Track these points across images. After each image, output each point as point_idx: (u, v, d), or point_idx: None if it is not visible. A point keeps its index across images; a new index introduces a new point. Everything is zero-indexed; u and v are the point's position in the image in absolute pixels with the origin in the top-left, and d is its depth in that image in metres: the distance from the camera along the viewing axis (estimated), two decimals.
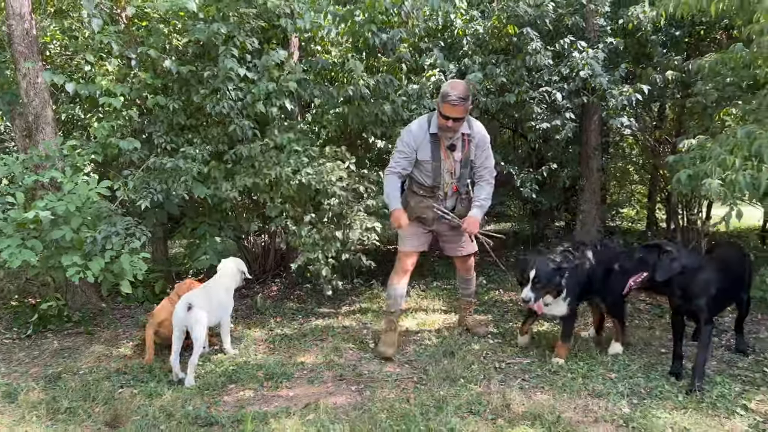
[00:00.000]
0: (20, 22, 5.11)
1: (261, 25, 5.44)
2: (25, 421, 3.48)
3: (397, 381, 3.97)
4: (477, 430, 3.15)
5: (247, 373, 4.15)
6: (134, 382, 4.06)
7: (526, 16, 5.84)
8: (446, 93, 4.03)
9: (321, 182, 5.20)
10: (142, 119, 5.33)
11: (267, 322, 5.44)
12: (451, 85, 4.11)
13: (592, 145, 6.98)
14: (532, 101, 6.16)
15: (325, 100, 5.60)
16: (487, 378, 3.92)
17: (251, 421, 3.35)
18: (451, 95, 4.00)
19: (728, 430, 3.11)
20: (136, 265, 4.49)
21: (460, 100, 4.01)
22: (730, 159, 3.43)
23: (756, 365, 4.03)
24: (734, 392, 3.55)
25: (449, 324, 5.20)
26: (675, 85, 6.27)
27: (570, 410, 3.41)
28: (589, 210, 7.07)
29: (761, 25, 3.47)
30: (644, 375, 3.88)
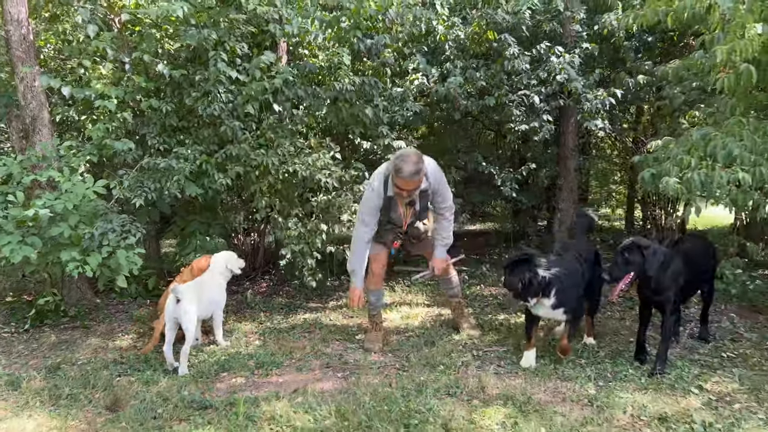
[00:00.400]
0: (18, 28, 5.29)
1: (250, 31, 5.67)
2: (29, 407, 3.68)
3: (381, 368, 4.22)
4: (453, 409, 3.39)
5: (239, 362, 4.38)
6: (131, 371, 4.27)
7: (504, 23, 6.12)
8: (399, 168, 4.09)
9: (308, 170, 5.43)
10: (135, 121, 5.53)
11: (257, 316, 5.67)
12: (402, 158, 4.12)
13: (570, 146, 7.28)
14: (511, 104, 6.44)
15: (310, 102, 5.82)
16: (465, 365, 4.18)
17: (243, 404, 3.58)
18: (403, 172, 4.08)
19: (683, 407, 3.38)
20: (132, 260, 4.69)
21: (412, 175, 4.10)
22: (686, 159, 3.71)
23: (715, 351, 4.32)
24: (692, 375, 3.84)
25: (432, 316, 5.46)
26: (647, 89, 6.57)
27: (540, 392, 3.68)
28: (567, 209, 7.37)
29: (712, 35, 3.76)
30: (611, 361, 4.15)
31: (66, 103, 5.96)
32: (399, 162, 4.11)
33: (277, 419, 3.39)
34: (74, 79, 5.91)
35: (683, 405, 3.41)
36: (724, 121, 4.12)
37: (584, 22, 6.82)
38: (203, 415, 3.51)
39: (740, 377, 3.77)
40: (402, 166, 4.07)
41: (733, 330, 4.73)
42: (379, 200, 4.35)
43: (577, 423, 3.23)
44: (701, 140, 3.76)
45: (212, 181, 5.36)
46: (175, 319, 4.34)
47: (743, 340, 4.50)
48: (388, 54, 6.12)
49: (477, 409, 3.43)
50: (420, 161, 4.14)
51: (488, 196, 8.13)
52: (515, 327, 5.00)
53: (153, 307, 5.98)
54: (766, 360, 4.09)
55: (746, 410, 3.34)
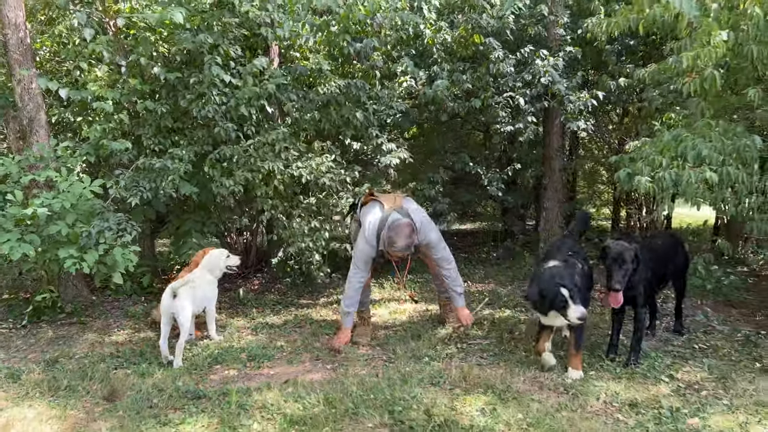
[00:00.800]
0: (15, 32, 5.43)
1: (243, 34, 5.83)
2: (29, 397, 3.83)
3: (369, 360, 4.39)
4: (435, 397, 3.57)
5: (232, 355, 4.54)
6: (127, 364, 4.42)
7: (490, 27, 6.31)
8: (392, 242, 4.34)
9: (312, 173, 5.63)
10: (131, 122, 5.68)
11: (249, 312, 5.83)
12: (396, 231, 4.35)
13: (554, 146, 7.47)
14: (497, 106, 6.63)
15: (300, 104, 5.99)
16: (449, 356, 4.36)
17: (235, 394, 3.73)
18: (397, 246, 4.34)
19: (653, 394, 3.57)
20: (128, 257, 4.85)
21: (405, 249, 4.39)
22: (658, 159, 3.90)
23: (688, 343, 4.52)
24: (664, 365, 4.03)
25: (419, 312, 5.64)
26: (628, 91, 6.78)
27: (520, 382, 3.85)
28: (552, 207, 7.57)
29: (680, 42, 3.96)
30: (589, 352, 4.33)
31: (62, 104, 6.10)
32: (393, 236, 4.35)
33: (268, 407, 3.55)
34: (71, 81, 6.05)
35: (653, 392, 3.60)
36: (696, 123, 4.31)
37: (568, 26, 7.02)
38: (197, 405, 3.66)
39: (709, 367, 3.96)
40: (396, 240, 4.34)
41: (706, 323, 4.93)
42: (373, 252, 4.62)
43: (553, 409, 3.41)
44: (673, 141, 3.95)
45: (219, 186, 5.50)
46: (171, 314, 4.49)
47: (715, 333, 4.70)
48: (377, 57, 6.30)
49: (458, 397, 3.60)
50: (412, 233, 4.40)
51: (476, 196, 8.33)
52: (499, 321, 5.18)
53: (148, 303, 6.15)
54: (736, 351, 4.29)
55: (713, 397, 3.54)
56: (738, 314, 5.19)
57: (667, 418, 3.26)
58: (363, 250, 4.63)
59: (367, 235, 4.60)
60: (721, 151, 3.90)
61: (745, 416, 3.26)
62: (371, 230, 4.60)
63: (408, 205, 4.77)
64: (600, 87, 6.62)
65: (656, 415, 3.31)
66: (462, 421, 3.28)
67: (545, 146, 7.58)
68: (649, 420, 3.25)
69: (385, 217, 4.58)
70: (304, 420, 3.36)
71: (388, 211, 4.62)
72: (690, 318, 5.08)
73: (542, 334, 4.09)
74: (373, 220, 4.64)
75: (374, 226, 4.60)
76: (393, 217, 4.54)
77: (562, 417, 3.30)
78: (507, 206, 8.55)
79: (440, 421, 3.25)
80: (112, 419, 3.49)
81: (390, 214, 4.58)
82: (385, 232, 4.44)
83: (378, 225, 4.59)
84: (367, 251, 4.62)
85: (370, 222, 4.63)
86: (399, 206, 4.68)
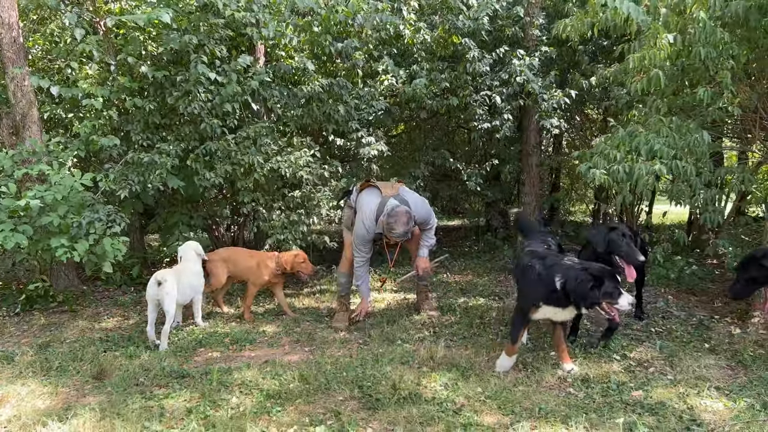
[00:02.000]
0: (9, 31, 5.65)
1: (229, 34, 6.07)
2: (23, 377, 4.07)
3: (345, 343, 4.65)
4: (403, 374, 3.82)
5: (215, 339, 4.79)
6: (116, 348, 4.66)
7: (466, 28, 6.57)
8: (391, 228, 4.61)
9: (290, 167, 5.88)
10: (120, 119, 5.92)
11: (235, 301, 6.08)
12: (395, 218, 4.60)
13: (531, 143, 7.75)
14: (475, 104, 6.90)
15: (284, 102, 6.24)
16: (420, 339, 4.63)
17: (217, 373, 3.98)
18: (395, 232, 4.62)
19: (605, 371, 3.85)
20: (117, 247, 5.09)
21: (402, 236, 4.68)
22: (613, 153, 4.18)
23: (646, 327, 4.80)
24: (619, 345, 4.30)
25: (397, 300, 5.91)
26: (599, 90, 7.06)
27: (483, 361, 4.12)
28: (529, 202, 7.85)
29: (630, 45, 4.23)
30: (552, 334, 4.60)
31: (54, 101, 6.33)
32: (392, 222, 4.62)
33: (246, 384, 3.80)
34: (62, 79, 6.28)
35: (605, 369, 3.88)
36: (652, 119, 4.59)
37: (544, 26, 7.29)
38: (181, 383, 3.91)
39: (661, 347, 4.24)
40: (395, 227, 4.61)
41: (665, 309, 5.22)
42: (371, 235, 4.90)
43: (510, 384, 3.68)
44: (627, 137, 4.23)
45: (202, 179, 5.74)
46: (156, 300, 4.73)
47: (672, 318, 4.99)
48: (358, 56, 6.55)
49: (425, 374, 3.87)
50: (409, 221, 4.68)
51: (459, 192, 8.60)
52: (471, 309, 5.45)
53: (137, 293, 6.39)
54: (688, 333, 4.57)
55: (659, 373, 3.82)
56: (697, 301, 5.48)
57: (613, 391, 3.53)
58: (362, 234, 4.89)
59: (366, 219, 4.85)
60: (673, 146, 4.18)
61: (685, 389, 3.54)
62: (369, 214, 4.84)
63: (404, 192, 5.03)
64: (573, 86, 6.90)
65: (604, 388, 3.58)
66: (425, 394, 3.54)
67: (522, 143, 7.85)
68: (597, 393, 3.52)
69: (383, 203, 4.83)
70: (279, 394, 3.61)
71: (386, 197, 4.87)
72: (651, 305, 5.37)
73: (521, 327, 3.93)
74: (371, 205, 4.88)
75: (372, 210, 4.85)
76: (391, 203, 4.79)
77: (518, 391, 3.57)
78: (488, 201, 8.83)
79: (405, 395, 3.51)
80: (100, 395, 3.74)
81: (388, 200, 4.83)
82: (384, 218, 4.69)
83: (376, 210, 4.84)
84: (365, 236, 4.88)
85: (369, 207, 4.88)
86: (396, 193, 4.93)
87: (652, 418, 3.18)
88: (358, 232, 4.92)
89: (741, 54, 4.18)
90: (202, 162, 5.77)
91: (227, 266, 5.48)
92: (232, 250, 5.78)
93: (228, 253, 5.63)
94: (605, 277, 3.53)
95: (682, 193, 4.75)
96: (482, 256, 8.14)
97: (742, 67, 4.38)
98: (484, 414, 3.28)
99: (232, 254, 5.58)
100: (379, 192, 4.94)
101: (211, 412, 3.40)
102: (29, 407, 3.56)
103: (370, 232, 4.88)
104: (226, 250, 5.79)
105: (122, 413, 3.39)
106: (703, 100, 4.23)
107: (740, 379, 3.69)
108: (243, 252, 5.67)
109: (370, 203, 4.89)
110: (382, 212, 4.78)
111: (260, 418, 3.32)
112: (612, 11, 3.82)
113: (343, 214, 5.51)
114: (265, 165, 5.85)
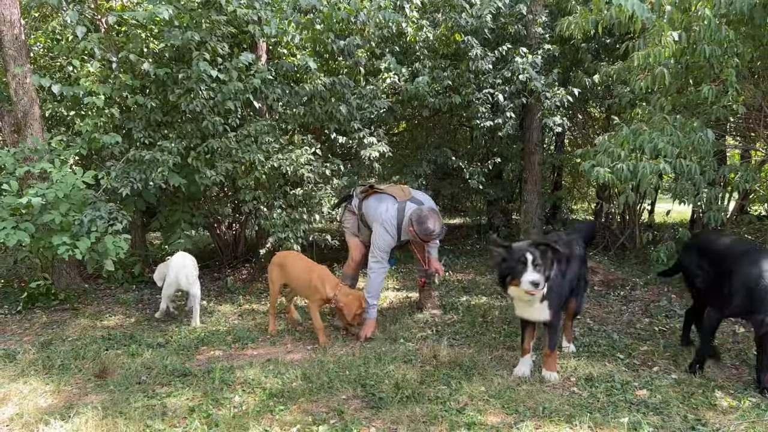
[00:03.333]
0: (10, 29, 5.64)
1: (231, 31, 6.05)
2: (25, 375, 4.06)
3: (347, 341, 4.64)
4: (406, 373, 3.82)
5: (218, 338, 4.79)
6: (118, 346, 4.66)
7: (468, 26, 6.54)
8: (431, 231, 4.55)
9: (291, 165, 5.86)
10: (122, 116, 5.90)
11: (236, 299, 6.07)
12: (427, 219, 4.57)
13: (534, 141, 7.73)
14: (477, 102, 6.87)
15: (286, 100, 6.22)
16: (423, 338, 4.62)
17: (219, 371, 3.97)
18: (435, 232, 4.59)
19: (609, 370, 3.83)
20: (119, 245, 5.08)
21: (441, 232, 4.67)
22: (617, 151, 4.16)
23: (650, 326, 4.79)
24: (623, 344, 4.30)
25: (400, 299, 5.89)
26: (603, 88, 7.03)
27: (486, 360, 4.11)
28: (531, 200, 7.82)
29: (634, 42, 4.21)
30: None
31: (55, 99, 6.30)
32: (428, 224, 4.57)
33: (249, 383, 3.80)
34: (63, 76, 6.26)
35: (609, 368, 3.87)
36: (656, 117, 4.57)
37: (547, 24, 7.25)
38: (183, 381, 3.90)
39: (664, 346, 4.23)
40: (432, 228, 4.56)
41: (668, 308, 5.20)
42: (394, 242, 4.86)
43: (514, 383, 3.67)
44: (631, 135, 4.21)
45: (203, 177, 5.73)
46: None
47: (676, 316, 4.97)
48: (361, 54, 6.53)
49: (428, 373, 3.85)
50: (439, 216, 4.69)
51: (461, 190, 8.59)
52: (474, 307, 5.44)
53: (139, 291, 6.39)
54: (692, 332, 4.54)
55: (663, 372, 3.80)
56: None
57: (617, 390, 3.52)
58: (387, 241, 4.82)
59: (388, 226, 4.80)
60: (677, 145, 4.16)
61: (689, 388, 3.52)
62: (390, 222, 4.80)
63: (415, 193, 5.04)
64: (576, 84, 6.87)
65: (608, 387, 3.57)
66: (428, 393, 3.53)
67: (525, 141, 7.83)
68: (601, 392, 3.51)
69: (402, 208, 4.81)
70: (282, 393, 3.60)
71: (402, 201, 4.85)
72: (654, 303, 5.35)
73: (526, 332, 3.83)
74: (390, 211, 4.83)
75: (393, 217, 4.81)
76: (409, 206, 4.78)
77: (522, 390, 3.56)
78: (490, 199, 8.81)
79: (408, 393, 3.50)
80: (102, 393, 3.73)
81: (405, 204, 4.82)
82: (416, 226, 4.60)
83: (397, 216, 4.80)
84: (388, 241, 4.82)
85: (389, 214, 4.82)
86: (410, 196, 4.93)
87: (656, 417, 3.17)
88: (381, 241, 4.82)
89: (746, 52, 4.16)
90: (203, 160, 5.75)
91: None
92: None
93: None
94: (527, 252, 3.45)
95: (685, 191, 4.74)
96: (484, 255, 8.12)
97: (746, 65, 4.37)
98: (487, 413, 3.26)
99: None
100: (393, 198, 4.91)
101: (213, 410, 3.39)
102: (31, 405, 3.55)
103: (395, 239, 4.84)
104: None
105: (124, 412, 3.39)
106: (708, 98, 4.21)
107: (745, 379, 3.68)
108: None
109: (389, 210, 4.84)
110: (403, 218, 4.77)
111: (263, 416, 3.31)
112: (616, 8, 3.80)
113: (343, 218, 5.49)
114: (266, 163, 5.83)
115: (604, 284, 6.05)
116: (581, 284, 4.18)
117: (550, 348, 3.75)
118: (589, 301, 5.49)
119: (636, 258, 7.17)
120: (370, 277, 4.83)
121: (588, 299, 5.44)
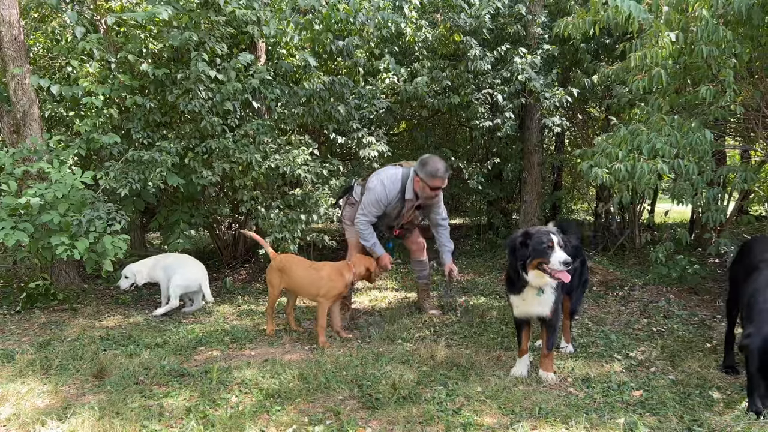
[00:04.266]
0: (9, 29, 5.65)
1: (230, 32, 6.05)
2: (23, 375, 4.06)
3: (345, 342, 4.64)
4: (403, 373, 3.81)
5: (215, 338, 4.79)
6: (116, 346, 4.66)
7: (467, 26, 6.54)
8: (436, 169, 4.55)
9: (288, 165, 5.87)
10: (121, 117, 5.91)
11: (235, 299, 6.07)
12: (431, 161, 4.59)
13: (533, 141, 7.73)
14: (477, 102, 6.88)
15: (285, 100, 6.23)
16: (421, 339, 4.61)
17: (216, 371, 3.97)
18: (441, 170, 4.57)
19: (606, 370, 3.83)
20: (117, 245, 5.08)
21: (446, 171, 4.64)
22: (615, 152, 4.15)
23: (648, 326, 4.78)
24: (620, 345, 4.29)
25: (398, 299, 5.89)
26: (601, 88, 7.03)
27: (484, 360, 4.11)
28: (531, 200, 7.83)
29: (631, 43, 4.21)
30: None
31: (55, 99, 6.32)
32: (431, 164, 4.57)
33: (246, 383, 3.79)
34: (62, 77, 6.27)
35: (606, 369, 3.87)
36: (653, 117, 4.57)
37: (545, 24, 7.26)
38: (180, 381, 3.90)
39: (662, 347, 4.22)
40: (436, 165, 4.56)
41: (667, 308, 5.20)
42: (389, 201, 4.82)
43: (511, 383, 3.66)
44: (629, 135, 4.21)
45: (199, 177, 5.73)
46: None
47: (674, 317, 4.97)
48: (359, 54, 6.53)
49: (425, 374, 3.85)
50: (441, 160, 4.64)
51: (461, 190, 8.59)
52: (473, 307, 5.44)
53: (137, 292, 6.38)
54: (690, 333, 4.55)
55: (660, 373, 3.80)
56: (699, 300, 5.46)
57: (614, 391, 3.51)
58: (380, 197, 4.76)
59: (387, 182, 4.77)
60: (675, 145, 4.16)
61: (687, 389, 3.52)
62: (393, 179, 4.80)
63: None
64: (575, 84, 6.87)
65: (605, 388, 3.56)
66: (425, 394, 3.53)
67: (524, 141, 7.83)
68: (598, 393, 3.50)
69: (407, 173, 4.82)
70: (279, 393, 3.60)
71: (407, 168, 4.86)
72: (653, 304, 5.35)
73: (522, 333, 3.81)
74: (394, 170, 4.86)
75: (397, 172, 4.84)
76: (421, 159, 4.77)
77: (519, 390, 3.56)
78: (490, 200, 8.81)
79: (405, 394, 3.49)
80: (100, 394, 3.73)
81: (410, 170, 4.83)
82: (419, 169, 4.60)
83: (401, 176, 4.81)
84: (382, 200, 4.77)
85: (393, 170, 4.86)
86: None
87: (653, 418, 3.16)
88: (376, 196, 4.76)
89: (743, 52, 4.15)
90: (200, 160, 5.76)
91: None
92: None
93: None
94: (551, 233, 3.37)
95: (684, 191, 4.72)
96: (483, 255, 8.13)
97: (744, 66, 4.36)
98: (484, 414, 3.26)
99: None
100: (399, 166, 4.94)
101: (210, 411, 3.39)
102: (29, 406, 3.55)
103: (389, 194, 4.77)
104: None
105: (121, 412, 3.38)
106: (706, 99, 4.20)
107: (742, 380, 3.67)
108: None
109: (393, 169, 4.88)
110: (408, 177, 4.77)
111: (259, 417, 3.31)
112: (613, 9, 3.80)
113: (343, 212, 5.44)
114: (263, 163, 5.83)
115: (603, 284, 6.05)
116: (576, 282, 4.14)
117: (548, 348, 3.75)
118: (587, 301, 5.49)
119: (635, 258, 7.17)
120: (359, 229, 4.87)
121: (586, 299, 5.44)
